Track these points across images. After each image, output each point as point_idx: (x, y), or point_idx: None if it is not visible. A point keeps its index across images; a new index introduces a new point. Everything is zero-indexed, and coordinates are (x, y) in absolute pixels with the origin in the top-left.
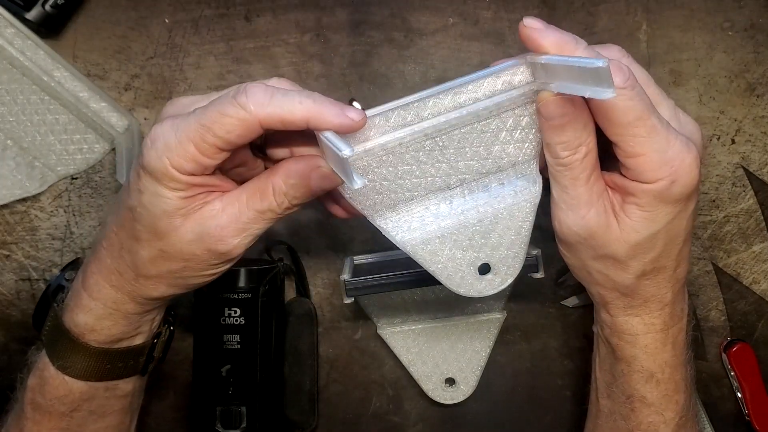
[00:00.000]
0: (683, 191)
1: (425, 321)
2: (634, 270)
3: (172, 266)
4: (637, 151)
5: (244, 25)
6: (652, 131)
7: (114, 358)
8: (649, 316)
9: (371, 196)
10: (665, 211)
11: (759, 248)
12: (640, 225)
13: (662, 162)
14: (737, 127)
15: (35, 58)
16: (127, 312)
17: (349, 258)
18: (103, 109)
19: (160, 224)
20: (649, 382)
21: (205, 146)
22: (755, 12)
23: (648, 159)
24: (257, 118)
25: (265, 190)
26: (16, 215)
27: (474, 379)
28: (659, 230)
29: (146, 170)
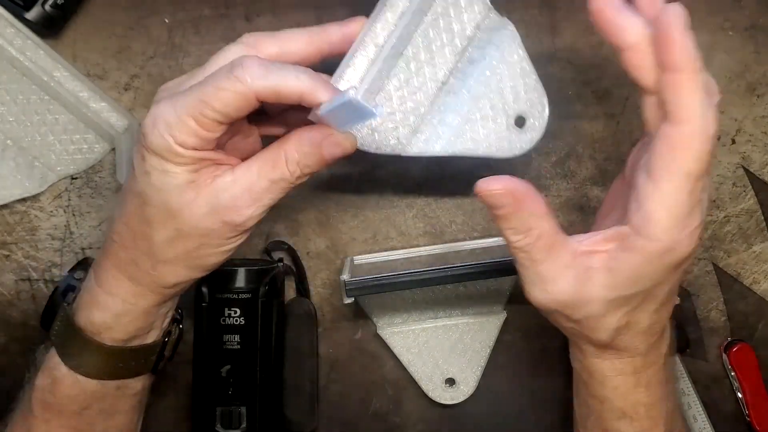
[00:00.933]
0: (677, 261)
1: (425, 321)
2: (608, 326)
3: (188, 245)
4: (664, 202)
5: (244, 25)
6: (693, 194)
7: (127, 357)
8: (620, 362)
9: (390, 132)
10: (652, 274)
11: (759, 248)
12: (620, 282)
13: (674, 226)
14: (738, 127)
15: (35, 58)
16: (146, 306)
17: (349, 258)
18: (103, 109)
19: (172, 201)
20: (622, 419)
21: (205, 120)
22: (755, 12)
23: (665, 215)
24: (253, 91)
25: (277, 159)
26: (16, 215)
27: (474, 380)
28: (641, 290)
29: (150, 150)
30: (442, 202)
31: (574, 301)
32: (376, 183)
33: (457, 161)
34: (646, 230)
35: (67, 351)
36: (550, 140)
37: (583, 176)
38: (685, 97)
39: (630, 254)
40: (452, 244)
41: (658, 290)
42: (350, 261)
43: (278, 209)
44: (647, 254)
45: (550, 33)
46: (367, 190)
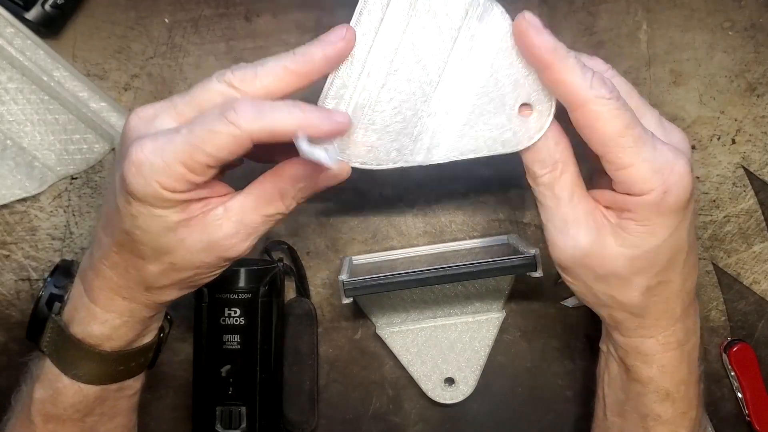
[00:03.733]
0: (678, 200)
1: (424, 321)
2: (639, 287)
3: (182, 275)
4: (625, 162)
5: (244, 25)
6: (638, 140)
7: (128, 360)
8: (664, 335)
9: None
10: (663, 223)
11: (759, 248)
12: (639, 240)
13: (652, 171)
14: (738, 127)
15: (35, 58)
16: (142, 317)
17: (348, 258)
18: (103, 108)
19: (164, 241)
20: (665, 401)
21: (194, 165)
22: (756, 12)
23: (637, 169)
24: (248, 134)
25: (272, 195)
26: (16, 215)
27: (473, 379)
28: (660, 244)
29: (136, 197)
30: (442, 202)
31: (597, 250)
32: (375, 183)
33: None
34: (633, 190)
35: (66, 362)
36: None
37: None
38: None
39: (634, 211)
40: (451, 243)
41: (678, 243)
42: (349, 261)
43: None
44: (647, 208)
45: None
46: (367, 190)
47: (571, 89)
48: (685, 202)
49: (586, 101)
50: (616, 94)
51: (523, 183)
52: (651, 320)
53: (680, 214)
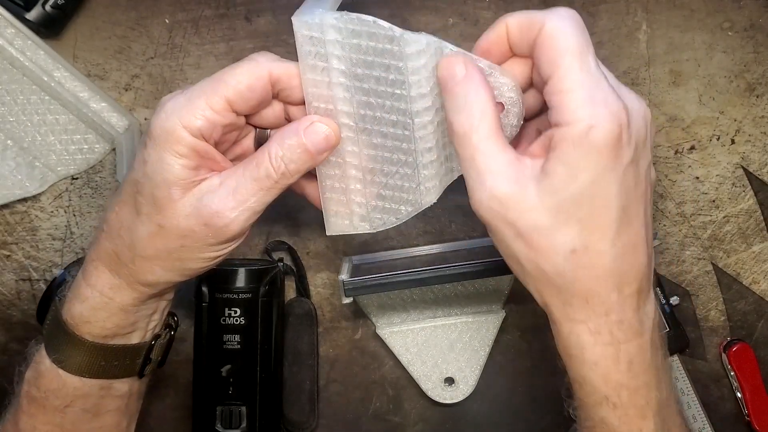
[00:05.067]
0: (604, 138)
1: (424, 320)
2: (561, 246)
3: (169, 244)
4: (566, 85)
5: (244, 25)
6: (585, 68)
7: (108, 355)
8: (594, 323)
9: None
10: (585, 164)
11: (759, 248)
12: (558, 181)
13: (586, 101)
14: (737, 127)
15: (35, 59)
16: (123, 303)
17: (348, 258)
18: (104, 109)
19: (159, 194)
20: (603, 405)
21: (215, 99)
22: (755, 12)
23: (573, 96)
24: (267, 68)
25: (261, 157)
26: (17, 215)
27: (473, 379)
28: (581, 190)
29: (152, 136)
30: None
31: (515, 201)
32: None
33: None
34: (563, 118)
35: (52, 344)
36: None
37: None
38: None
39: (557, 149)
40: (451, 243)
41: (603, 194)
42: (349, 261)
43: (278, 209)
44: (571, 141)
45: None
46: None
47: (535, 15)
48: (612, 142)
49: (549, 19)
50: (580, 23)
51: None
52: (579, 300)
53: (607, 158)
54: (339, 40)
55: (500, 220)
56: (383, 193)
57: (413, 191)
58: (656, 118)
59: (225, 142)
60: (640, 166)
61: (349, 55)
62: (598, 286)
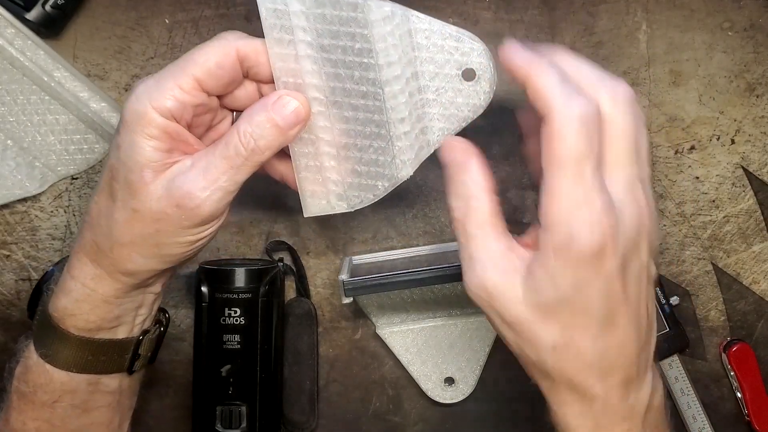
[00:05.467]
0: (583, 252)
1: (424, 320)
2: (543, 340)
3: (144, 228)
4: (555, 190)
5: (244, 26)
6: (578, 176)
7: (95, 350)
8: (579, 408)
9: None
10: (564, 273)
11: (759, 248)
12: (540, 284)
13: (570, 210)
14: (737, 127)
15: (35, 59)
16: (105, 294)
17: (348, 258)
18: (104, 109)
19: (132, 178)
20: None
21: (184, 79)
22: (755, 12)
23: (559, 202)
24: (234, 45)
25: (230, 135)
26: (16, 215)
27: (473, 378)
28: (561, 296)
29: (124, 120)
30: (441, 202)
31: (501, 293)
32: None
33: None
34: (545, 223)
35: (40, 338)
36: None
37: None
38: (538, 89)
39: (540, 251)
40: (452, 243)
41: (584, 300)
42: (349, 261)
43: (278, 209)
44: (552, 249)
45: (549, 33)
46: None
47: (535, 98)
48: (593, 254)
49: (557, 113)
50: (588, 119)
51: (523, 183)
52: (564, 387)
53: (586, 270)
54: (303, 11)
55: (487, 306)
56: (358, 168)
57: (388, 165)
58: (656, 118)
59: (199, 126)
60: (629, 270)
61: (315, 25)
62: (580, 378)
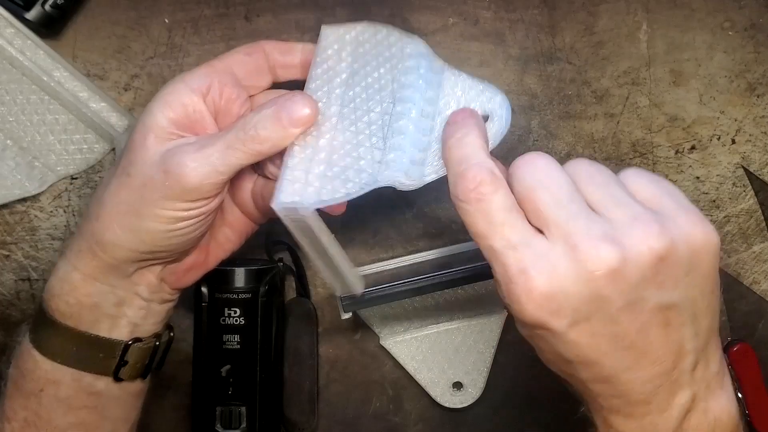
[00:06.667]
0: (521, 321)
1: (427, 327)
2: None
3: (130, 195)
4: (491, 263)
5: (244, 25)
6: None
7: (80, 342)
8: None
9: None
10: (524, 330)
11: (759, 248)
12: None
13: (500, 284)
14: (737, 127)
15: (35, 58)
16: (83, 271)
17: None
18: (103, 109)
19: (136, 138)
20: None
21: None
22: (755, 12)
23: (495, 277)
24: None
25: (237, 121)
26: (16, 215)
27: (482, 381)
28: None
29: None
30: (442, 202)
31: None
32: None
33: None
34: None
35: (33, 325)
36: (550, 140)
37: None
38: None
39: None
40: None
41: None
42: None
43: None
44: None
45: (550, 33)
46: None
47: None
48: (529, 324)
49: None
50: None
51: None
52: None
53: (537, 332)
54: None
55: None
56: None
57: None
58: (657, 118)
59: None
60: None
61: (355, 54)
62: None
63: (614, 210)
